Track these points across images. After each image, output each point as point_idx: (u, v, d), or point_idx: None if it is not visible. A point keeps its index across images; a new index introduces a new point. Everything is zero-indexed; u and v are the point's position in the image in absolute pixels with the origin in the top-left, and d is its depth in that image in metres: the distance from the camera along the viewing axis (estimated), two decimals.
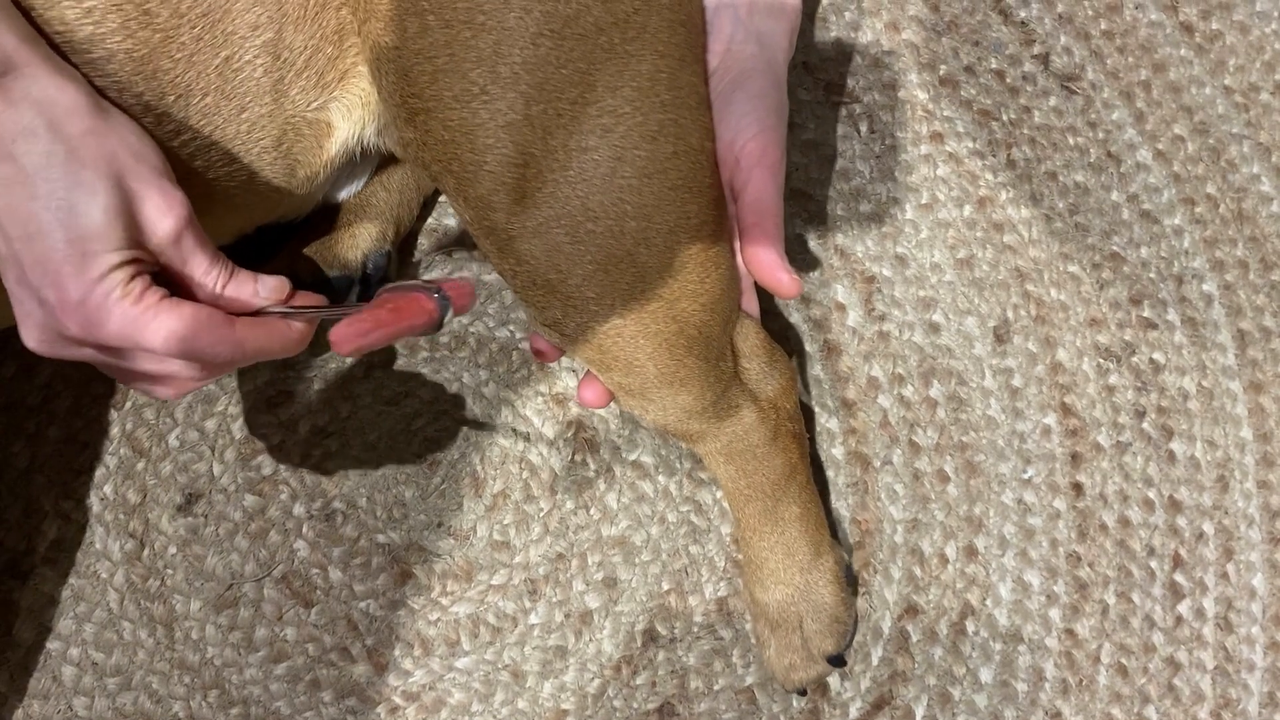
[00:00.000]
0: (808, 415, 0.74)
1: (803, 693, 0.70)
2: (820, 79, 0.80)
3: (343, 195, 0.71)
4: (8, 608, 0.70)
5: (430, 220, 0.77)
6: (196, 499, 0.72)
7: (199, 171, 0.57)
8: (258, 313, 0.54)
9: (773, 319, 0.75)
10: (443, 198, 0.76)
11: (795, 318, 0.76)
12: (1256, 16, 0.82)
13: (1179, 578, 0.73)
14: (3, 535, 0.71)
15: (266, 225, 0.67)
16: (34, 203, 0.47)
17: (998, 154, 0.79)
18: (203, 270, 0.52)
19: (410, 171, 0.72)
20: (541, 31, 0.54)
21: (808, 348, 0.76)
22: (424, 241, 0.76)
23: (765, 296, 0.75)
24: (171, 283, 0.51)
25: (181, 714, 0.69)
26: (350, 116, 0.60)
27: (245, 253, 0.69)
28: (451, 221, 0.77)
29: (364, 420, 0.73)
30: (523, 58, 0.54)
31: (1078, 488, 0.74)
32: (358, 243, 0.71)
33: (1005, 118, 0.80)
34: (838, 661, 0.67)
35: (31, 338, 0.50)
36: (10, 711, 0.68)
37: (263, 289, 0.54)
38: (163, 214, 0.50)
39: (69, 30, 0.51)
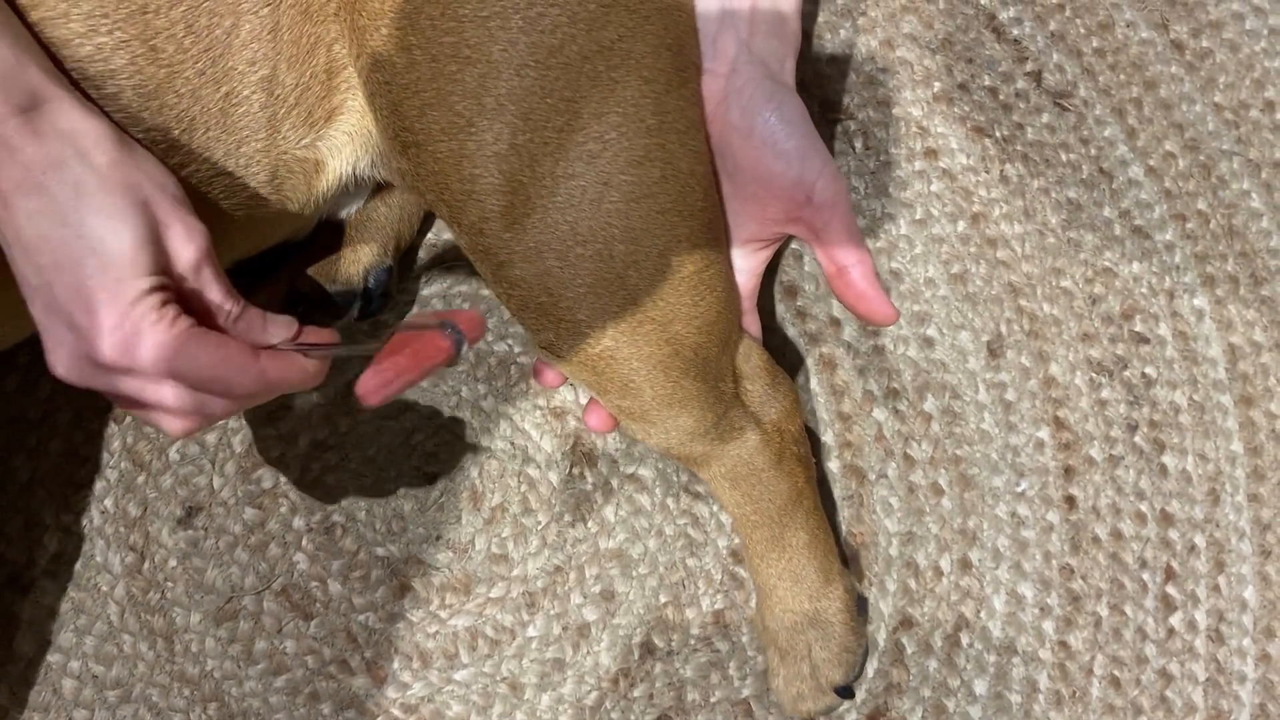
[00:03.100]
0: (812, 437, 0.74)
1: None
2: (815, 95, 0.80)
3: (344, 213, 0.71)
4: (8, 621, 0.70)
5: (430, 235, 0.77)
6: (197, 512, 0.72)
7: (200, 202, 0.58)
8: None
9: (769, 333, 0.76)
10: None
11: (791, 332, 0.77)
12: (1246, 34, 0.83)
13: (1171, 590, 0.74)
14: (4, 548, 0.71)
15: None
16: (65, 230, 0.47)
17: (991, 170, 0.80)
18: (218, 302, 0.52)
19: None
20: (526, 62, 0.55)
21: (804, 361, 0.76)
22: (424, 256, 0.77)
23: (763, 311, 0.75)
24: (189, 313, 0.51)
25: None
26: (340, 154, 0.61)
27: (247, 270, 0.70)
28: (450, 236, 0.77)
29: (363, 434, 0.74)
30: (508, 89, 0.55)
31: (1070, 501, 0.75)
32: (359, 258, 0.72)
33: (998, 134, 0.81)
34: (846, 693, 0.67)
35: (61, 365, 0.49)
36: None
37: (272, 326, 0.54)
38: (185, 242, 0.50)
39: (81, 66, 0.52)
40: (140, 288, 0.48)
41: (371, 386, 0.49)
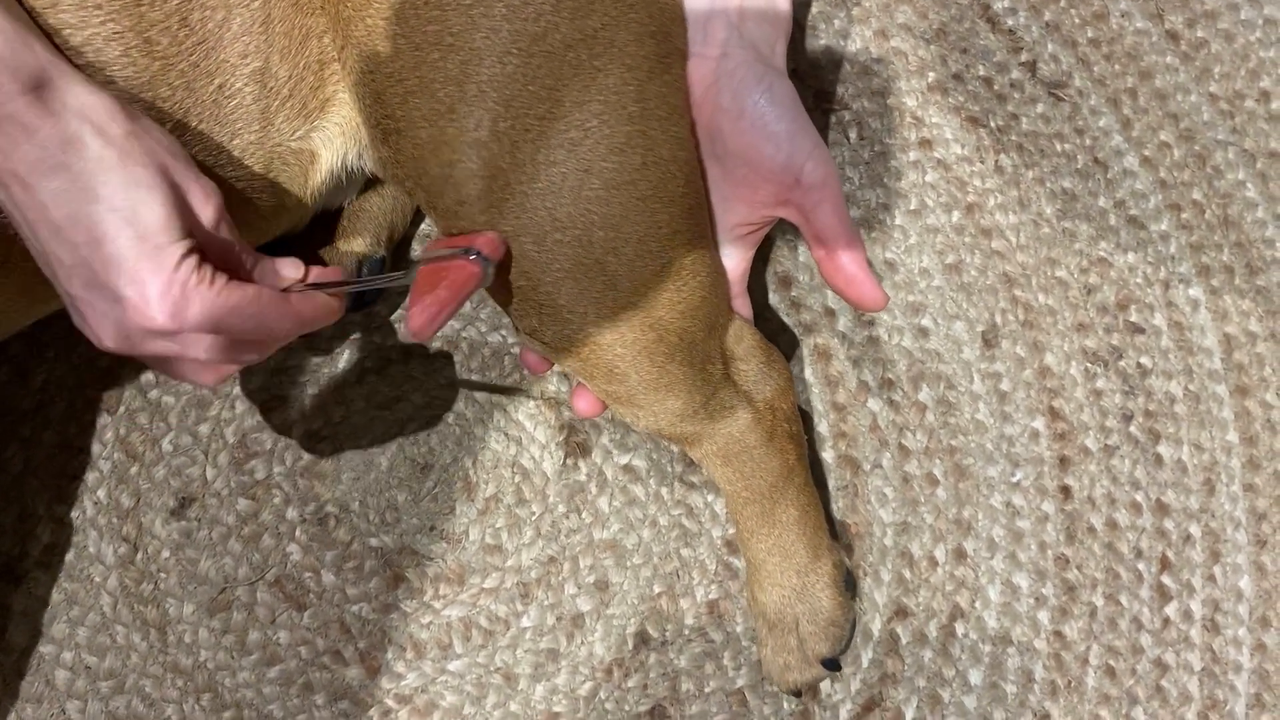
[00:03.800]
0: (806, 418, 0.74)
1: (797, 694, 0.70)
2: (810, 86, 0.80)
3: (337, 204, 0.71)
4: (1, 612, 0.70)
5: (423, 227, 0.77)
6: (190, 503, 0.72)
7: None
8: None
9: (763, 324, 0.76)
10: None
11: (787, 321, 0.77)
12: (1241, 24, 0.83)
13: (1166, 580, 0.74)
14: None
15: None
16: (96, 206, 0.48)
17: (986, 160, 0.80)
18: (237, 255, 0.54)
19: None
20: (509, 50, 0.55)
21: (798, 352, 0.76)
22: (417, 247, 0.77)
23: (758, 301, 0.75)
24: (217, 268, 0.53)
25: (174, 718, 0.69)
26: (332, 145, 0.61)
27: None
28: None
29: (357, 425, 0.74)
30: (489, 75, 0.55)
31: (1066, 491, 0.75)
32: (352, 249, 0.71)
33: (993, 124, 0.80)
34: (832, 665, 0.68)
35: (109, 338, 0.51)
36: (3, 716, 0.69)
37: (283, 269, 0.56)
38: (204, 202, 0.51)
39: (72, 56, 0.52)
40: (179, 252, 0.49)
41: (421, 322, 0.53)
